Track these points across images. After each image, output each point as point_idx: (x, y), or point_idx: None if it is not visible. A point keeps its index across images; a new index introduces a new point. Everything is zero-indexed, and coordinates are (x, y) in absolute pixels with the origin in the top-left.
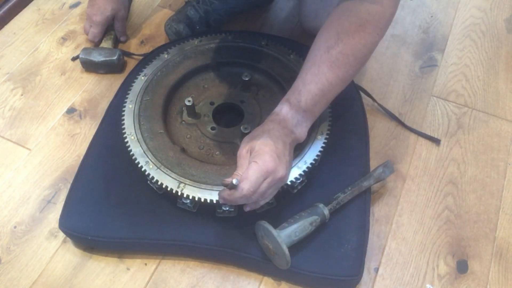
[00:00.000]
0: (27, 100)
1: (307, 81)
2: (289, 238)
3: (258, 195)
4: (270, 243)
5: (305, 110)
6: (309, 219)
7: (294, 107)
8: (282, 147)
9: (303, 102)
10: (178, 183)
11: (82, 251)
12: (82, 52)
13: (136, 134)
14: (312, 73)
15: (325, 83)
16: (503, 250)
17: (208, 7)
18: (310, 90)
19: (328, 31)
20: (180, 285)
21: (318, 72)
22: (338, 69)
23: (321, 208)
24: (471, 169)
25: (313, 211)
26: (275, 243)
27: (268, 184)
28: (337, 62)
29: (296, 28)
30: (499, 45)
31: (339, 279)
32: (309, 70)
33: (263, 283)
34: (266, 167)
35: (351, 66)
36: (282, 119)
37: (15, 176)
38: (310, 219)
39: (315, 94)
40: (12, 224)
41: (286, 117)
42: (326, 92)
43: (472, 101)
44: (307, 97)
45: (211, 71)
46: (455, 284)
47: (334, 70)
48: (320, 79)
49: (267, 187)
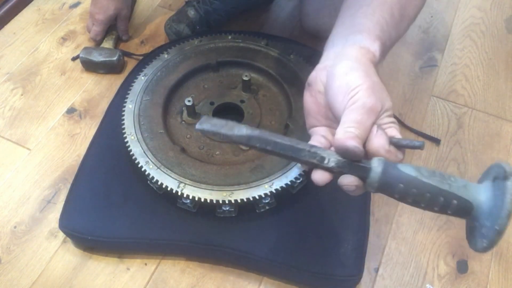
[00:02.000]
0: (27, 100)
1: (388, 22)
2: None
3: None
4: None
5: (384, 56)
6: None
7: (383, 51)
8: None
9: (387, 48)
10: (178, 183)
11: (82, 251)
12: (82, 52)
13: (136, 134)
14: (388, 14)
15: (397, 32)
16: (503, 250)
17: (208, 7)
18: (391, 36)
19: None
20: (180, 285)
21: (393, 15)
22: (406, 13)
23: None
24: (471, 169)
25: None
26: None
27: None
28: (406, 6)
29: (296, 28)
30: (499, 45)
31: (339, 279)
32: (383, 9)
33: (263, 283)
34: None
35: (412, 14)
36: (377, 62)
37: (15, 176)
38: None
39: (393, 42)
40: (12, 224)
41: (378, 61)
42: (395, 39)
43: (472, 101)
44: (390, 42)
45: (211, 71)
46: (455, 284)
47: (402, 16)
48: (396, 24)
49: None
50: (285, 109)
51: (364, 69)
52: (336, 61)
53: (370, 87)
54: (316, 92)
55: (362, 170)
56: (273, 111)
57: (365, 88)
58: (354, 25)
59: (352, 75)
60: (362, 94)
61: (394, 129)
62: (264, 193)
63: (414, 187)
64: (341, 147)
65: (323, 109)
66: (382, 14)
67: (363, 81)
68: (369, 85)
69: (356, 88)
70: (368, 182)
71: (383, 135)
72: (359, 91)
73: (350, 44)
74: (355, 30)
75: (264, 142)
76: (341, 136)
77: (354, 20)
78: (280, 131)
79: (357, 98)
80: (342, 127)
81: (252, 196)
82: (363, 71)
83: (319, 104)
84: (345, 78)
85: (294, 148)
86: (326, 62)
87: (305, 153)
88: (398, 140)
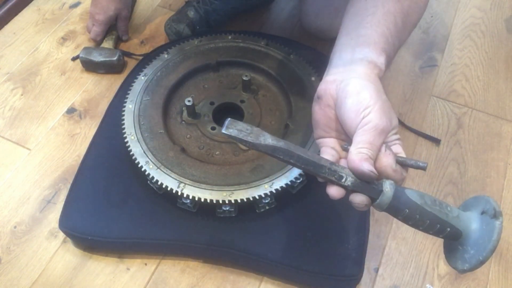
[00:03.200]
0: (27, 100)
1: (392, 32)
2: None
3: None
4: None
5: (388, 65)
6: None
7: (387, 62)
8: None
9: (391, 58)
10: (178, 183)
11: (82, 251)
12: (82, 52)
13: (136, 134)
14: (392, 24)
15: (401, 40)
16: (503, 250)
17: (208, 7)
18: (395, 45)
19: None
20: (180, 285)
21: (396, 24)
22: (409, 21)
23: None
24: (471, 169)
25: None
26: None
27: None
28: (408, 15)
29: (296, 28)
30: (499, 45)
31: (339, 279)
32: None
33: (263, 283)
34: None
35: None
36: (381, 75)
37: (15, 176)
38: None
39: (396, 51)
40: (12, 224)
41: (384, 73)
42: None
43: (472, 101)
44: (393, 52)
45: (211, 71)
46: (455, 284)
47: (405, 23)
48: (399, 33)
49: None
50: (285, 109)
51: (374, 88)
52: (345, 76)
53: (381, 107)
54: (325, 106)
55: (374, 192)
56: (273, 111)
57: (376, 109)
58: (360, 35)
59: (363, 94)
60: (374, 116)
61: (399, 146)
62: (264, 193)
63: (418, 213)
64: (357, 170)
65: (332, 121)
66: (386, 24)
67: (375, 101)
68: (380, 105)
69: (367, 108)
70: (377, 203)
71: (391, 154)
72: (371, 112)
73: (358, 58)
74: (362, 42)
75: (288, 155)
76: (354, 157)
77: (360, 31)
78: (280, 131)
79: (369, 119)
80: (356, 147)
81: (252, 196)
82: (374, 90)
83: (328, 117)
84: (357, 97)
85: (315, 164)
86: (336, 76)
87: (325, 170)
88: (404, 159)
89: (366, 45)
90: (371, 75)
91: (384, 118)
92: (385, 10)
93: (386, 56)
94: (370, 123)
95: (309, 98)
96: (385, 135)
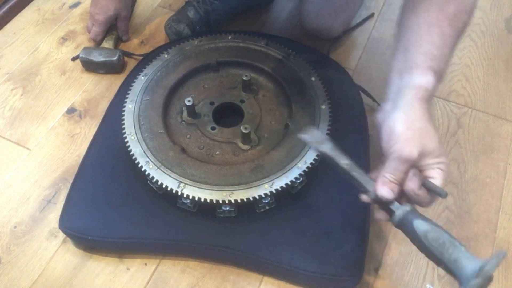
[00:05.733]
0: (27, 100)
1: (437, 44)
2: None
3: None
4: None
5: (443, 76)
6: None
7: (438, 76)
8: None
9: (444, 69)
10: (178, 183)
11: (82, 251)
12: (82, 52)
13: (136, 134)
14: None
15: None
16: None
17: (208, 7)
18: (445, 54)
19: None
20: (180, 285)
21: (443, 33)
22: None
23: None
24: (471, 169)
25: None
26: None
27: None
28: (456, 19)
29: (296, 28)
30: (499, 45)
31: (339, 279)
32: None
33: (263, 283)
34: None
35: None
36: (431, 95)
37: (15, 176)
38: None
39: (448, 58)
40: (12, 224)
41: (433, 91)
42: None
43: (472, 101)
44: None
45: (211, 71)
46: (455, 284)
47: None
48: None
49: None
50: (285, 109)
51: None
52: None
53: (409, 137)
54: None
55: (389, 211)
56: (273, 111)
57: (403, 139)
58: (406, 60)
59: (396, 126)
60: (400, 145)
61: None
62: (264, 193)
63: (417, 244)
64: (377, 191)
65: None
66: (431, 39)
67: (403, 132)
68: (407, 136)
69: (396, 138)
70: (391, 219)
71: (415, 180)
72: (398, 142)
73: (404, 86)
74: (407, 67)
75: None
76: (378, 180)
77: (406, 55)
78: (280, 131)
79: (394, 149)
80: (382, 172)
81: (252, 196)
82: (405, 121)
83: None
84: (389, 131)
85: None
86: (387, 105)
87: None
88: (428, 184)
89: (410, 70)
90: (413, 102)
91: (408, 148)
92: (428, 24)
93: (433, 72)
94: (394, 153)
95: (309, 98)
96: (409, 163)
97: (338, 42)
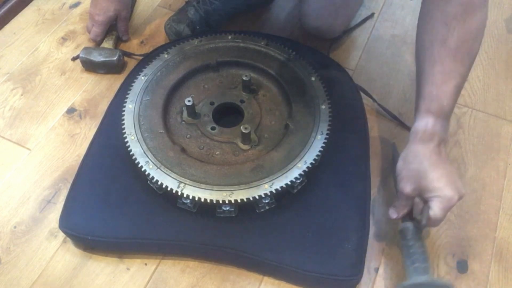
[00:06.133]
0: (27, 100)
1: (438, 82)
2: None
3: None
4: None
5: (448, 112)
6: (419, 242)
7: (439, 115)
8: (448, 165)
9: (446, 106)
10: (178, 183)
11: (82, 251)
12: (82, 52)
13: (136, 134)
14: (439, 72)
15: (458, 78)
16: (503, 250)
17: (208, 7)
18: (447, 91)
19: (431, 22)
20: (180, 285)
21: (444, 70)
22: (462, 58)
23: (414, 226)
24: (471, 169)
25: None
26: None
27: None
28: (459, 51)
29: (296, 28)
30: (499, 45)
31: (339, 279)
32: (433, 71)
33: (263, 283)
34: (450, 202)
35: (473, 48)
36: (433, 133)
37: (15, 176)
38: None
39: (452, 93)
40: (12, 224)
41: (435, 129)
42: (460, 84)
43: (472, 101)
44: (448, 99)
45: (211, 71)
46: (455, 284)
47: (459, 60)
48: (451, 76)
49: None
50: (285, 109)
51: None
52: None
53: (406, 175)
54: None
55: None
56: (273, 111)
57: (402, 177)
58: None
59: (397, 167)
60: (400, 184)
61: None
62: (264, 193)
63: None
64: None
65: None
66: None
67: (400, 171)
68: (403, 174)
69: (398, 176)
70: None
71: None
72: (399, 181)
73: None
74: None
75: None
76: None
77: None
78: (280, 131)
79: (398, 186)
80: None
81: (252, 196)
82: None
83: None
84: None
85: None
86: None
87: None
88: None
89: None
90: (412, 146)
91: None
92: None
93: (430, 114)
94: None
95: (309, 98)
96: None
97: (338, 42)
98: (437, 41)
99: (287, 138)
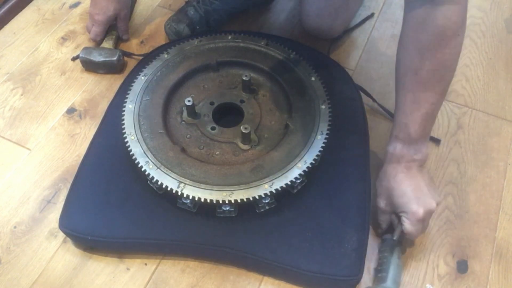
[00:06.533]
0: (27, 100)
1: (407, 111)
2: (396, 284)
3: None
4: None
5: (417, 138)
6: (395, 255)
7: (406, 141)
8: (415, 181)
9: (413, 133)
10: (178, 183)
11: (82, 251)
12: (82, 52)
13: (136, 134)
14: (410, 101)
15: (427, 106)
16: (503, 250)
17: (208, 7)
18: (415, 119)
19: (406, 50)
20: (180, 285)
21: (415, 99)
22: (433, 86)
23: (389, 239)
24: (471, 169)
25: (387, 244)
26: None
27: (427, 220)
28: (430, 81)
29: (296, 28)
30: (499, 45)
31: (339, 279)
32: (405, 100)
33: (263, 283)
34: (415, 215)
35: (446, 77)
36: (400, 156)
37: (15, 176)
38: (396, 254)
39: (421, 120)
40: (12, 224)
41: (402, 153)
42: (430, 112)
43: (472, 101)
44: (415, 126)
45: (211, 71)
46: (455, 284)
47: (430, 89)
48: (420, 105)
49: (427, 222)
50: (285, 109)
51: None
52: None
53: (380, 192)
54: None
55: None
56: (273, 111)
57: (377, 193)
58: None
59: (376, 181)
60: (376, 200)
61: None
62: (264, 193)
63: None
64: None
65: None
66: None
67: (376, 187)
68: (379, 191)
69: (376, 192)
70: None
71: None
72: (376, 196)
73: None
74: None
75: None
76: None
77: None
78: (280, 131)
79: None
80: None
81: (252, 196)
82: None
83: None
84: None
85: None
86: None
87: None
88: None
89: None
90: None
91: (379, 200)
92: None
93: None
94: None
95: (309, 98)
96: (383, 210)
97: (338, 42)
98: (410, 70)
99: (287, 138)
